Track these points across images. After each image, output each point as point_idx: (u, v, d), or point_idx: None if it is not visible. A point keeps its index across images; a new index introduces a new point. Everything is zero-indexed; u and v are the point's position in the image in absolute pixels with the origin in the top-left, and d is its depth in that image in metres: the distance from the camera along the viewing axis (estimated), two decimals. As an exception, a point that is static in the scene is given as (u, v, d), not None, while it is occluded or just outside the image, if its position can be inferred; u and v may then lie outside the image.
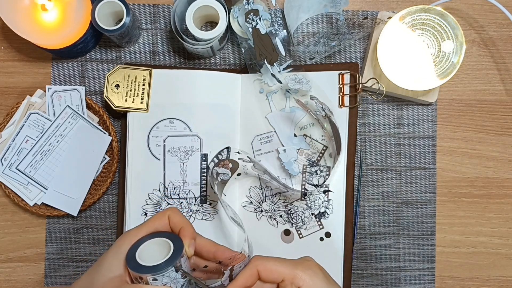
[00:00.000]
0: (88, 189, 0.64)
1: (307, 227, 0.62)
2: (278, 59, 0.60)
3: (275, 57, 0.59)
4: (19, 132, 0.63)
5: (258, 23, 0.59)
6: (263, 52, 0.59)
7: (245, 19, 0.59)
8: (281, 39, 0.62)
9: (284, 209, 0.63)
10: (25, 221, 0.65)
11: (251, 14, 0.59)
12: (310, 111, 0.62)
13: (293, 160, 0.61)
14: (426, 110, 0.66)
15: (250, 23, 0.59)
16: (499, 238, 0.65)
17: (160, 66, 0.65)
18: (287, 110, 0.63)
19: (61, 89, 0.64)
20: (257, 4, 0.59)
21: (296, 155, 0.62)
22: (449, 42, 0.60)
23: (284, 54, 0.60)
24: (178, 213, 0.48)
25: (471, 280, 0.65)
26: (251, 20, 0.59)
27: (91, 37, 0.63)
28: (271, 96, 0.63)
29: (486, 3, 0.64)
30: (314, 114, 0.62)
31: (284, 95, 0.63)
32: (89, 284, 0.44)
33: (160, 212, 0.48)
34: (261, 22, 0.59)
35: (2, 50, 0.66)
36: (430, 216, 0.65)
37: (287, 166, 0.61)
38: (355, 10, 0.66)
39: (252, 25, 0.59)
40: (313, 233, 0.62)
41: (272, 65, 0.59)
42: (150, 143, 0.63)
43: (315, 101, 0.60)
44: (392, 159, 0.66)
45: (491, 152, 0.66)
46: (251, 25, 0.59)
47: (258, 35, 0.59)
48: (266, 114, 0.63)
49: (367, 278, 0.65)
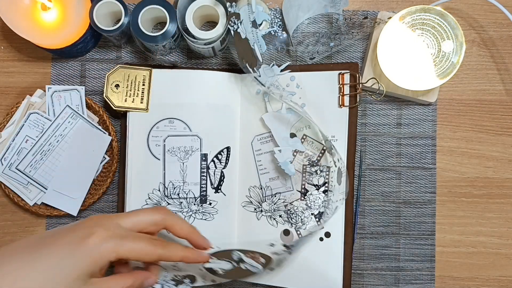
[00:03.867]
0: (88, 189, 0.64)
1: (306, 227, 0.62)
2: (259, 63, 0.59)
3: (254, 62, 0.59)
4: (19, 132, 0.63)
5: (239, 27, 0.58)
6: (244, 56, 0.59)
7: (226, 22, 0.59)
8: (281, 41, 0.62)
9: (284, 209, 0.63)
10: (25, 221, 0.65)
11: (233, 17, 0.58)
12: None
13: (289, 161, 0.61)
14: (426, 110, 0.66)
15: (232, 26, 0.59)
16: (499, 238, 0.65)
17: (160, 66, 0.65)
18: (283, 112, 0.62)
19: (61, 89, 0.64)
20: (257, 4, 0.59)
21: (291, 156, 0.62)
22: (449, 42, 0.60)
23: (262, 61, 0.59)
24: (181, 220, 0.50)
25: (471, 280, 0.66)
26: (232, 23, 0.59)
27: (91, 37, 0.63)
28: (267, 97, 0.62)
29: (486, 3, 0.64)
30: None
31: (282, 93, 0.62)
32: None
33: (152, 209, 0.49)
34: (242, 26, 0.58)
35: (2, 50, 0.66)
36: (430, 216, 0.65)
37: (283, 166, 0.61)
38: (355, 10, 0.66)
39: (234, 28, 0.59)
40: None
41: (252, 69, 0.59)
42: (150, 143, 0.63)
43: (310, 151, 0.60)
44: (392, 159, 0.66)
45: (491, 152, 0.66)
46: (232, 27, 0.59)
47: (239, 39, 0.59)
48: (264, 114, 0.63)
49: (367, 278, 0.65)
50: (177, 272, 0.58)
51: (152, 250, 0.46)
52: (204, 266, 0.53)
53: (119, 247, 0.44)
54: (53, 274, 0.42)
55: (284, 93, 0.62)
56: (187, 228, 0.50)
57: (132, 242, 0.45)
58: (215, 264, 0.53)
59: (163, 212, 0.49)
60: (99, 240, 0.44)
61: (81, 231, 0.44)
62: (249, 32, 0.58)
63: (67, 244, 0.43)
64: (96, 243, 0.43)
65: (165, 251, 0.47)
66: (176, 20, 0.59)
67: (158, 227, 0.49)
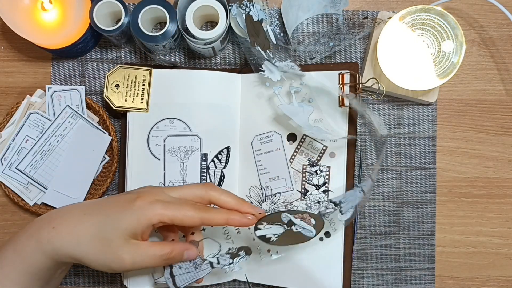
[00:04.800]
0: (88, 189, 0.64)
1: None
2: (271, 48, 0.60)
3: (267, 44, 0.59)
4: (19, 132, 0.63)
5: (251, 10, 0.59)
6: (255, 39, 0.59)
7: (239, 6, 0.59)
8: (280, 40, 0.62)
9: (284, 209, 0.63)
10: (25, 221, 0.65)
11: (245, 1, 0.59)
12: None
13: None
14: (426, 110, 0.66)
15: (244, 9, 0.59)
16: (498, 238, 0.65)
17: (160, 66, 0.65)
18: (295, 105, 0.62)
19: (61, 89, 0.64)
20: (256, 3, 0.59)
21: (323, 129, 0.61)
22: (449, 42, 0.60)
23: (275, 42, 0.60)
24: (227, 194, 0.53)
25: (471, 280, 0.66)
26: (244, 6, 0.59)
27: (91, 37, 0.63)
28: (277, 89, 0.62)
29: (486, 3, 0.64)
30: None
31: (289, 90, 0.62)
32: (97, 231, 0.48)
33: (198, 184, 0.53)
34: (254, 9, 0.59)
35: (2, 50, 0.66)
36: (430, 216, 0.65)
37: (317, 135, 0.60)
38: (355, 10, 0.66)
39: (246, 11, 0.59)
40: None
41: (264, 51, 0.59)
42: (150, 143, 0.63)
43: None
44: (392, 159, 0.66)
45: (491, 152, 0.66)
46: (244, 11, 0.59)
47: (251, 22, 0.59)
48: (266, 114, 0.63)
49: (367, 278, 0.65)
50: (231, 244, 0.59)
51: (195, 213, 0.48)
52: (257, 235, 0.54)
53: (163, 210, 0.47)
54: (102, 228, 0.47)
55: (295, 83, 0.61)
56: (233, 201, 0.52)
57: (176, 206, 0.48)
58: (266, 230, 0.53)
59: (208, 187, 0.52)
60: (144, 203, 0.47)
61: (131, 195, 0.49)
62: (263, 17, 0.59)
63: (117, 204, 0.48)
64: (141, 205, 0.47)
65: (208, 214, 0.49)
66: (176, 20, 0.59)
67: (203, 201, 0.52)
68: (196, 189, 0.52)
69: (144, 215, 0.47)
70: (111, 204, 0.49)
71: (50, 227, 0.47)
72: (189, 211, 0.48)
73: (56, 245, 0.47)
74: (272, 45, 0.60)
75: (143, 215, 0.47)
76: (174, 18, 0.60)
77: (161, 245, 0.50)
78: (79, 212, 0.49)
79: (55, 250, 0.47)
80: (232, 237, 0.61)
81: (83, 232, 0.47)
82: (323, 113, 0.62)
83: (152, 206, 0.47)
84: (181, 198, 0.50)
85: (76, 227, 0.47)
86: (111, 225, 0.47)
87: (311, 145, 0.63)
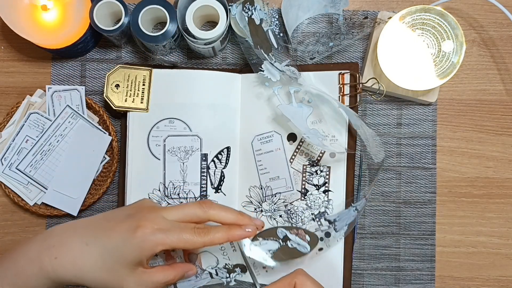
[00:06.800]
0: (88, 189, 0.64)
1: (306, 227, 0.62)
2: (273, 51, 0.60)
3: (268, 48, 0.59)
4: (19, 132, 0.63)
5: (253, 13, 0.59)
6: (258, 42, 0.59)
7: (242, 9, 0.59)
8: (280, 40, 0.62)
9: (284, 209, 0.63)
10: (25, 221, 0.65)
11: (247, 4, 0.59)
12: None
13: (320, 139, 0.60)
14: (426, 110, 0.66)
15: (246, 13, 0.59)
16: (499, 238, 0.65)
17: (160, 66, 0.65)
18: (294, 105, 0.62)
19: (61, 89, 0.64)
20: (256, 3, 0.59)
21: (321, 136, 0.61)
22: (449, 42, 0.60)
23: (277, 46, 0.60)
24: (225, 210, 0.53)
25: (471, 280, 0.66)
26: (247, 9, 0.59)
27: (91, 37, 0.63)
28: (277, 90, 0.62)
29: (486, 3, 0.64)
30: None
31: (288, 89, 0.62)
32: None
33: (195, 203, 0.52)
34: (256, 12, 0.59)
35: (2, 50, 0.66)
36: (430, 216, 0.65)
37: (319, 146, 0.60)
38: (355, 10, 0.66)
39: (248, 14, 0.59)
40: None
41: (267, 54, 0.59)
42: (150, 143, 0.63)
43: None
44: (392, 159, 0.66)
45: (491, 152, 0.66)
46: (247, 14, 0.59)
47: (254, 25, 0.59)
48: (266, 114, 0.63)
49: (367, 278, 0.65)
50: (227, 261, 0.59)
51: (196, 238, 0.49)
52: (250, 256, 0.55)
53: (164, 240, 0.48)
54: (107, 259, 0.48)
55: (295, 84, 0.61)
56: (233, 216, 0.52)
57: (177, 234, 0.49)
58: (262, 245, 0.54)
59: (206, 205, 0.52)
60: (145, 233, 0.48)
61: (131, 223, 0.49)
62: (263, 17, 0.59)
63: (119, 233, 0.48)
64: (142, 236, 0.47)
65: (210, 237, 0.50)
66: (176, 20, 0.59)
67: (201, 220, 0.52)
68: (194, 209, 0.52)
69: (146, 246, 0.48)
70: (112, 233, 0.48)
71: (52, 257, 0.47)
72: (190, 237, 0.49)
73: (61, 274, 0.48)
74: (274, 49, 0.60)
75: (145, 245, 0.48)
76: (174, 18, 0.60)
77: (164, 271, 0.51)
78: (79, 241, 0.48)
79: (60, 278, 0.48)
80: (228, 254, 0.61)
81: (87, 264, 0.48)
82: (322, 114, 0.62)
83: (154, 237, 0.48)
84: (180, 221, 0.51)
85: (79, 258, 0.48)
86: (115, 256, 0.48)
87: (311, 145, 0.63)
